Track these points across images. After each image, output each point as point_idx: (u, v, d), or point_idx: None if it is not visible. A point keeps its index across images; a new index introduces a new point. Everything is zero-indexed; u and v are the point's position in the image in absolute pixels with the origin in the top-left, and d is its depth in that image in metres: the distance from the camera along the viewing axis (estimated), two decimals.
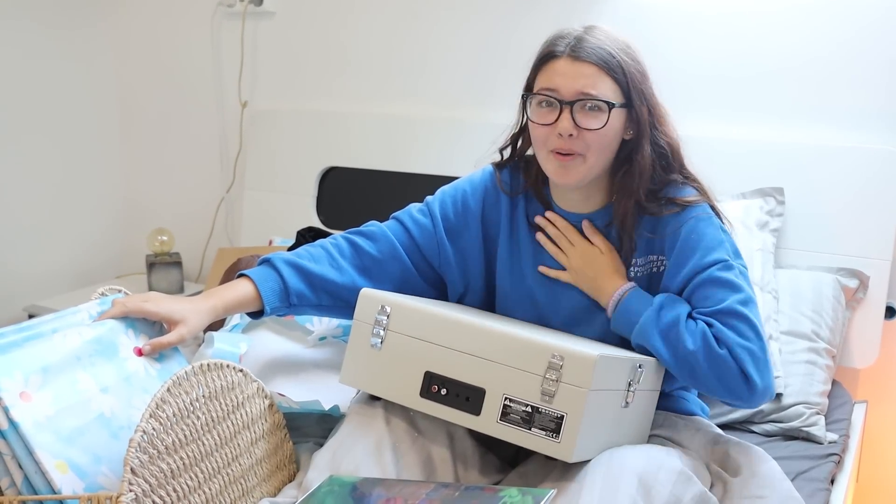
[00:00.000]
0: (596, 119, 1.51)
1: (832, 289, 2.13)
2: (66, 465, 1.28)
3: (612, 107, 1.50)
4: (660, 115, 1.57)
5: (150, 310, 1.51)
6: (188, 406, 1.32)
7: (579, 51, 1.51)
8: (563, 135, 1.51)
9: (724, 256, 1.52)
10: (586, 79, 1.50)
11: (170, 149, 3.14)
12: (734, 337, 1.46)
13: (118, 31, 3.09)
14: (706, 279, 1.50)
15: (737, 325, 1.47)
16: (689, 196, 1.57)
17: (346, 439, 1.45)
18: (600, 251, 1.61)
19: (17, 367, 1.30)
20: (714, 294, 1.49)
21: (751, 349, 1.46)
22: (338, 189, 2.82)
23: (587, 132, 1.51)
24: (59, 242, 3.01)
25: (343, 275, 1.68)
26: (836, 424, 1.97)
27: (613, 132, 1.53)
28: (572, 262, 1.63)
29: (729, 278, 1.50)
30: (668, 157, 1.58)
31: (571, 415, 1.32)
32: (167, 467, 1.27)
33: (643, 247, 1.60)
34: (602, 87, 1.51)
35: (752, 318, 1.48)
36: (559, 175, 1.56)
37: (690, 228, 1.54)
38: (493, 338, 1.40)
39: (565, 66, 1.51)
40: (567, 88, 1.51)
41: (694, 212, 1.56)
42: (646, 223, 1.59)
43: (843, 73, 2.23)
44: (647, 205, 1.57)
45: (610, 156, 1.56)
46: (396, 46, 2.73)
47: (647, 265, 1.60)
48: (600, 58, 1.50)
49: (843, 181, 2.19)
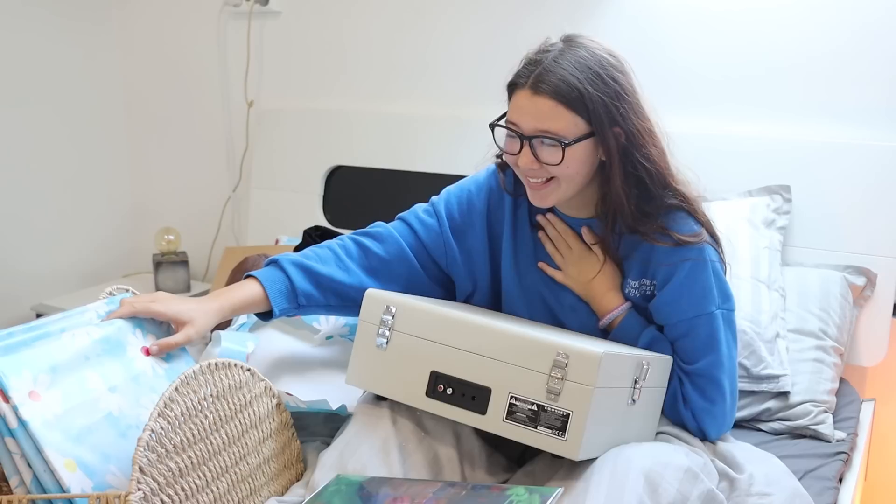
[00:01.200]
0: (553, 155, 1.50)
1: (840, 286, 2.14)
2: (74, 463, 1.29)
3: (567, 145, 1.48)
4: (641, 136, 1.53)
5: (158, 310, 1.52)
6: (196, 405, 1.34)
7: (539, 84, 1.48)
8: (524, 169, 1.53)
9: (710, 308, 1.56)
10: (544, 115, 1.48)
11: (176, 148, 3.15)
12: (700, 402, 1.58)
13: (124, 31, 3.10)
14: (689, 331, 1.57)
15: (705, 389, 1.57)
16: (685, 234, 1.55)
17: (352, 439, 1.46)
18: (597, 259, 1.63)
19: (25, 366, 1.31)
20: (693, 350, 1.58)
21: (712, 412, 1.58)
22: (344, 188, 2.83)
23: (548, 165, 1.51)
24: (67, 242, 3.03)
25: (350, 275, 1.69)
26: (844, 422, 1.97)
27: (577, 162, 1.51)
28: (568, 266, 1.65)
29: (710, 333, 1.56)
30: (645, 182, 1.55)
31: (577, 413, 1.33)
32: (175, 466, 1.28)
33: (637, 269, 1.61)
34: (560, 122, 1.48)
35: (721, 379, 1.57)
36: (535, 199, 1.58)
37: (683, 274, 1.55)
38: (498, 337, 1.41)
39: (525, 100, 1.50)
40: (526, 124, 1.51)
41: (689, 254, 1.55)
42: (642, 246, 1.59)
43: (851, 70, 2.23)
44: (641, 227, 1.57)
45: (583, 179, 1.55)
46: (402, 45, 2.73)
47: (641, 287, 1.62)
48: (559, 92, 1.47)
49: (851, 178, 2.19)
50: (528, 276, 1.69)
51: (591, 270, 1.63)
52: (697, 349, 1.57)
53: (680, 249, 1.55)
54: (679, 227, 1.56)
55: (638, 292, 1.62)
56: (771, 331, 1.99)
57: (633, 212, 1.55)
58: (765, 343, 1.96)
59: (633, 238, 1.59)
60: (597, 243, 1.63)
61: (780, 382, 1.94)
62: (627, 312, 1.61)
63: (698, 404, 1.58)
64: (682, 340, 1.58)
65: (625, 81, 1.52)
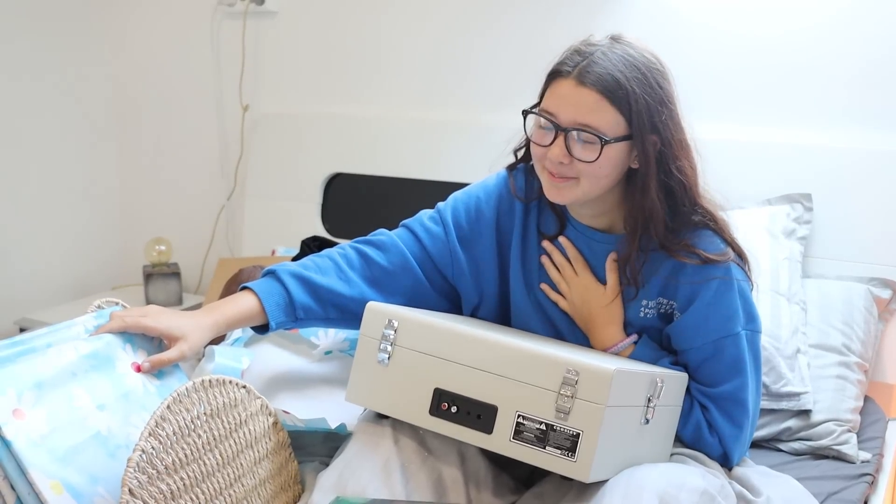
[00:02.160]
0: (589, 151, 1.49)
1: (864, 299, 2.13)
2: (61, 485, 1.29)
3: (606, 142, 1.48)
4: (676, 147, 1.53)
5: (150, 325, 1.52)
6: (189, 424, 1.34)
7: (586, 75, 1.48)
8: (553, 161, 1.52)
9: (736, 329, 1.56)
10: (586, 108, 1.48)
11: (168, 154, 3.16)
12: (728, 428, 1.58)
13: (113, 31, 3.11)
14: (715, 353, 1.57)
15: (733, 413, 1.58)
16: (712, 252, 1.55)
17: (352, 459, 1.46)
18: (603, 291, 1.63)
19: (9, 383, 1.31)
20: (718, 372, 1.58)
21: (739, 436, 1.59)
22: (344, 196, 2.83)
23: (579, 162, 1.51)
24: (52, 252, 3.03)
25: (352, 287, 1.69)
26: (869, 443, 1.97)
27: (610, 164, 1.51)
28: (573, 294, 1.65)
29: (736, 355, 1.56)
30: (675, 195, 1.55)
31: (588, 432, 1.33)
32: (167, 488, 1.28)
33: (657, 289, 1.61)
34: (602, 118, 1.48)
35: (748, 402, 1.58)
36: (551, 194, 1.57)
37: (710, 294, 1.56)
38: (505, 352, 1.41)
39: (568, 89, 1.49)
40: (565, 115, 1.50)
41: (716, 272, 1.56)
42: (665, 265, 1.59)
43: (875, 73, 2.23)
44: (667, 244, 1.57)
45: (609, 183, 1.55)
46: (404, 47, 2.74)
47: (657, 306, 1.62)
48: (606, 86, 1.47)
49: (875, 186, 2.19)
50: (537, 288, 1.69)
51: (594, 302, 1.63)
52: (723, 372, 1.57)
53: (706, 268, 1.55)
54: (706, 245, 1.56)
55: (654, 311, 1.62)
56: (791, 346, 1.99)
57: (665, 224, 1.56)
58: (785, 359, 1.96)
59: (660, 255, 1.59)
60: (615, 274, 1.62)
61: (801, 400, 1.93)
62: (639, 343, 1.61)
63: (727, 431, 1.58)
64: (706, 363, 1.58)
65: (669, 88, 1.53)
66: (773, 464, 1.77)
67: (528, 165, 1.71)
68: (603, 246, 1.64)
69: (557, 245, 1.68)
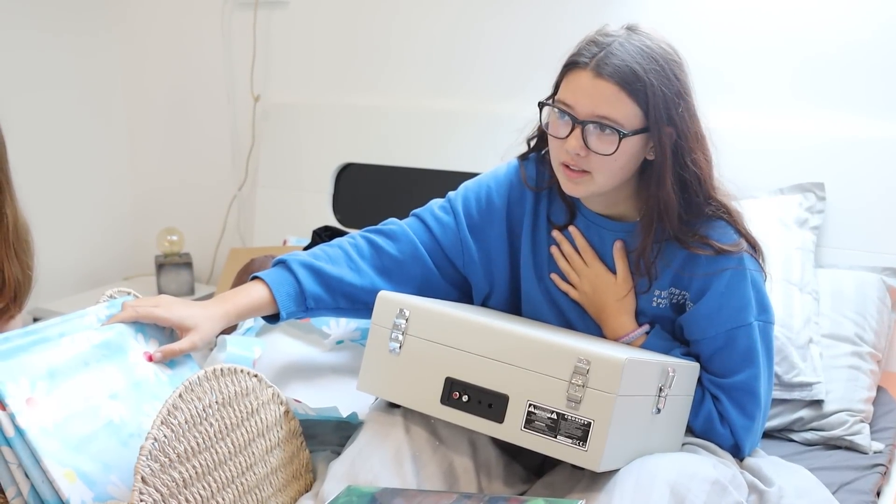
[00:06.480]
0: (607, 144, 1.49)
1: (877, 289, 2.13)
2: (74, 473, 1.30)
3: (624, 135, 1.48)
4: (692, 139, 1.53)
5: (162, 315, 1.53)
6: (201, 412, 1.34)
7: (603, 66, 1.47)
8: (570, 153, 1.52)
9: (749, 319, 1.57)
10: (604, 100, 1.47)
11: (179, 145, 3.17)
12: (740, 419, 1.58)
13: (124, 22, 3.12)
14: (727, 343, 1.57)
15: (745, 404, 1.59)
16: (725, 243, 1.56)
17: (364, 448, 1.47)
18: (614, 280, 1.63)
19: (23, 372, 1.32)
20: (730, 362, 1.58)
21: (750, 427, 1.59)
22: (355, 186, 2.83)
23: (595, 154, 1.51)
24: (65, 243, 3.04)
25: (362, 277, 1.69)
26: (882, 433, 1.96)
27: (627, 157, 1.51)
28: (583, 284, 1.66)
29: (749, 345, 1.57)
30: (689, 188, 1.55)
31: (599, 422, 1.33)
32: (179, 476, 1.29)
33: (669, 279, 1.61)
34: (620, 110, 1.48)
35: (760, 393, 1.59)
36: (567, 187, 1.57)
37: (722, 284, 1.56)
38: (516, 341, 1.41)
39: (586, 81, 1.49)
40: (583, 107, 1.49)
41: (729, 262, 1.56)
42: (678, 256, 1.59)
43: (890, 60, 2.21)
44: (681, 236, 1.57)
45: (625, 175, 1.55)
46: (415, 37, 2.74)
47: (670, 296, 1.62)
48: (624, 77, 1.46)
49: (888, 175, 2.18)
50: (547, 277, 1.69)
51: (606, 292, 1.63)
52: (735, 362, 1.57)
53: (719, 259, 1.56)
54: (719, 236, 1.57)
55: (667, 301, 1.62)
56: (804, 336, 1.99)
57: (679, 216, 1.56)
58: (797, 349, 1.96)
59: (672, 245, 1.59)
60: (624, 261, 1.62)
61: (814, 390, 1.93)
62: (651, 333, 1.61)
63: (739, 422, 1.58)
64: (718, 354, 1.58)
65: (685, 80, 1.53)
66: (785, 454, 1.77)
67: (540, 155, 1.71)
68: (613, 234, 1.64)
69: (567, 235, 1.68)
